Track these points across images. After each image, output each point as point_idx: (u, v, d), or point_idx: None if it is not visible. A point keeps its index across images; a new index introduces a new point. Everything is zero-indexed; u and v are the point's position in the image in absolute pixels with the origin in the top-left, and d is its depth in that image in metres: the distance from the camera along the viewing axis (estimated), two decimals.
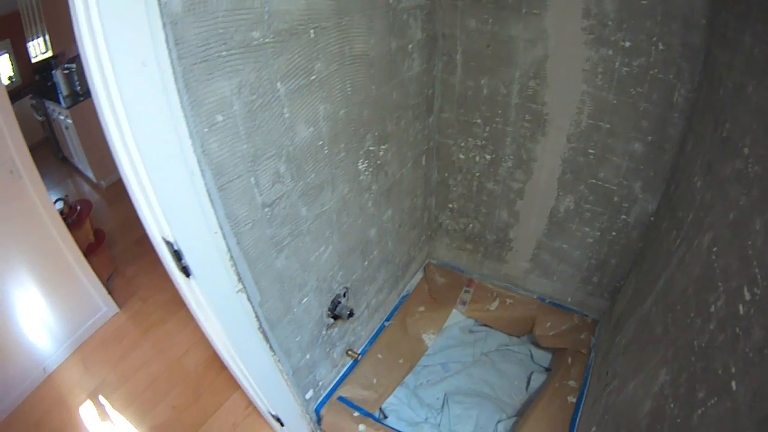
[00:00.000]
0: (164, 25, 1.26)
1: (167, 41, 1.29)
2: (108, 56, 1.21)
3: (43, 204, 3.17)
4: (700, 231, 1.60)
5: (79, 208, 3.99)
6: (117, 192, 5.78)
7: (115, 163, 1.47)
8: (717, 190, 1.55)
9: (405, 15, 2.35)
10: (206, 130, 1.48)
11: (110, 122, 1.36)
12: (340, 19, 1.91)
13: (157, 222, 1.55)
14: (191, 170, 1.48)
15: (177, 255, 1.60)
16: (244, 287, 1.85)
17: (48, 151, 7.35)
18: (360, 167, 2.37)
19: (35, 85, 7.20)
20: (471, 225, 3.34)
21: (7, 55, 7.38)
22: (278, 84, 1.70)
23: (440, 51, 2.76)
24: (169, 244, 1.59)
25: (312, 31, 1.78)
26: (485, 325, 3.40)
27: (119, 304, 3.92)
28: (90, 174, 6.20)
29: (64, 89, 6.10)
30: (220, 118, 1.51)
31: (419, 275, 3.56)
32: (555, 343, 3.12)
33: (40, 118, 7.00)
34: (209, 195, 1.57)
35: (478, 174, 3.08)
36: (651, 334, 1.83)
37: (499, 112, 2.78)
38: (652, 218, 2.58)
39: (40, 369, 3.32)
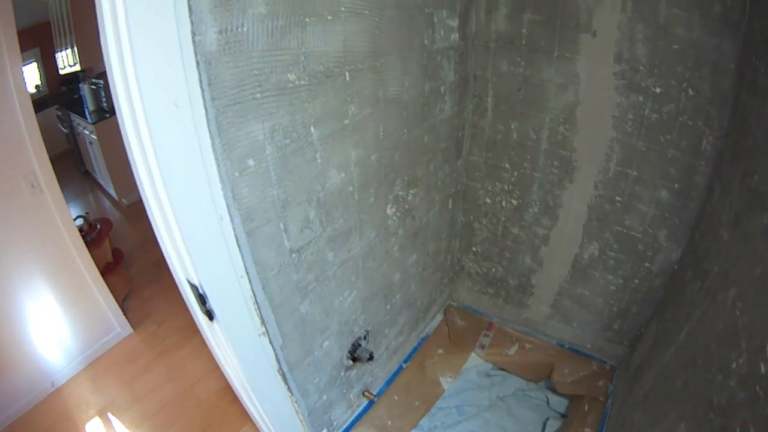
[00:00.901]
0: (198, 64, 1.16)
1: (201, 81, 1.18)
2: (139, 95, 1.09)
3: (63, 220, 3.06)
4: (725, 285, 1.52)
5: (99, 226, 3.86)
6: (138, 211, 5.62)
7: (142, 201, 1.37)
8: (744, 244, 1.47)
9: (439, 56, 2.24)
10: (237, 174, 1.37)
11: (139, 163, 1.25)
12: (376, 60, 1.80)
13: (183, 264, 1.43)
14: (220, 214, 1.37)
15: (201, 298, 1.48)
16: (267, 331, 1.72)
17: (70, 163, 7.26)
18: (388, 212, 2.25)
19: (62, 96, 7.12)
20: (494, 269, 3.19)
21: (35, 64, 7.31)
22: (312, 128, 1.59)
23: (471, 93, 2.64)
24: (194, 287, 1.47)
25: (347, 73, 1.67)
26: (503, 369, 3.22)
27: (133, 326, 3.78)
28: (112, 191, 6.09)
29: (90, 104, 5.98)
30: (251, 162, 1.40)
31: (439, 317, 3.40)
32: (572, 390, 2.96)
33: (65, 130, 6.90)
34: (237, 240, 1.45)
35: (503, 219, 2.94)
36: (671, 387, 1.75)
37: (528, 157, 2.65)
38: (675, 267, 2.43)
39: (49, 382, 3.19)
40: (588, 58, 2.24)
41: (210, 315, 1.53)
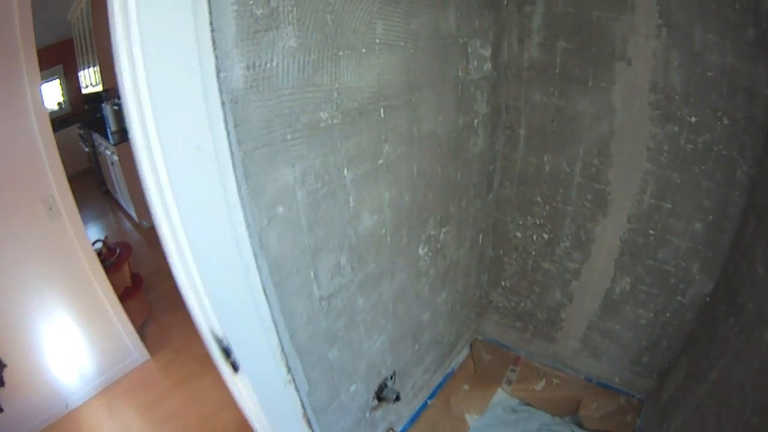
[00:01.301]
0: (223, 104, 1.04)
1: (226, 122, 1.06)
2: (158, 140, 0.96)
3: (81, 244, 2.95)
4: (762, 322, 1.46)
5: (118, 251, 3.74)
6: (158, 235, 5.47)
7: (164, 252, 1.20)
8: None
9: (473, 88, 2.13)
10: (265, 223, 1.25)
11: (159, 212, 1.10)
12: (411, 95, 1.69)
13: (207, 317, 1.28)
14: (246, 265, 1.24)
15: (226, 351, 1.34)
16: (293, 379, 1.58)
17: (92, 182, 7.19)
18: (420, 252, 2.12)
19: (84, 114, 7.06)
20: (523, 303, 3.03)
21: (58, 81, 7.24)
22: (345, 170, 1.48)
23: (503, 125, 2.52)
24: (218, 340, 1.33)
25: (382, 109, 1.56)
26: (529, 405, 3.03)
27: (151, 352, 3.64)
28: (132, 212, 5.97)
29: (112, 124, 5.83)
30: (281, 209, 1.29)
31: (465, 352, 3.21)
32: (599, 425, 2.77)
33: (86, 149, 6.81)
34: (264, 291, 1.32)
35: (534, 253, 2.79)
36: (703, 426, 1.69)
37: (561, 190, 2.51)
38: (707, 299, 2.29)
39: (63, 404, 3.09)
40: (623, 87, 2.13)
41: (235, 367, 1.39)
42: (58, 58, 6.81)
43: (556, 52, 2.24)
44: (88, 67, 6.14)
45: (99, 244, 3.57)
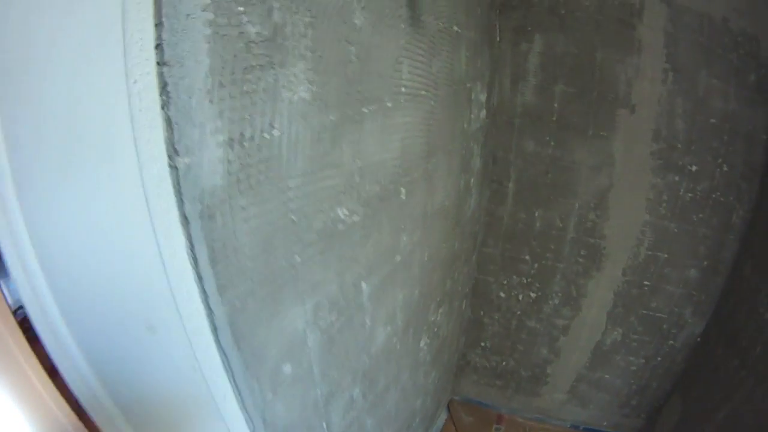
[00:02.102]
0: (186, 224, 0.60)
1: (193, 261, 0.62)
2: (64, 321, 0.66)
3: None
4: None
5: None
6: None
7: None
8: None
9: (472, 141, 1.78)
10: (270, 396, 0.85)
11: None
12: (428, 162, 1.37)
13: None
14: None
15: None
16: None
17: None
18: (421, 345, 1.78)
19: None
20: (504, 362, 2.69)
21: None
22: (363, 284, 1.10)
23: (489, 178, 2.05)
24: None
25: (403, 189, 1.21)
26: None
27: None
28: None
29: None
30: (288, 368, 0.89)
31: (443, 416, 2.81)
32: None
33: None
34: None
35: (518, 313, 2.46)
36: None
37: (552, 247, 2.20)
38: (698, 339, 2.21)
39: None
40: (624, 136, 1.92)
41: None
42: None
43: (553, 97, 1.91)
44: None
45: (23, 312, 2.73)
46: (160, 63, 0.53)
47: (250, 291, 0.72)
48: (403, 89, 1.12)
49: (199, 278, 0.62)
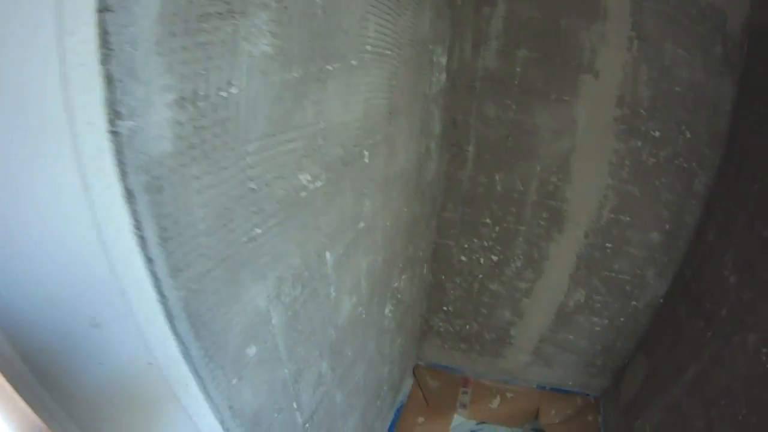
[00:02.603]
0: (130, 196, 0.52)
1: (141, 237, 0.54)
2: None
3: None
4: (742, 329, 1.51)
5: None
6: None
7: None
8: (760, 291, 1.48)
9: (432, 105, 1.71)
10: (235, 381, 0.79)
11: None
12: (390, 125, 1.29)
13: None
14: None
15: None
16: None
17: None
18: (386, 312, 1.74)
19: None
20: (468, 326, 2.67)
21: None
22: (327, 254, 1.04)
23: (449, 142, 2.01)
24: None
25: (366, 152, 1.15)
26: (487, 423, 2.78)
27: None
28: None
29: None
30: (253, 350, 0.83)
31: (409, 381, 2.80)
32: (563, 430, 2.63)
33: None
34: None
35: (480, 276, 2.42)
36: (688, 426, 1.70)
37: (513, 210, 2.15)
38: (661, 301, 2.22)
39: None
40: (588, 101, 1.88)
41: None
42: None
43: (516, 62, 1.84)
44: None
45: None
46: (101, 9, 0.44)
47: (207, 271, 0.65)
48: (368, 47, 1.05)
49: (149, 261, 0.55)
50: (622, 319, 2.34)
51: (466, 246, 2.33)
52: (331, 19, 0.84)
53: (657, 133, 1.86)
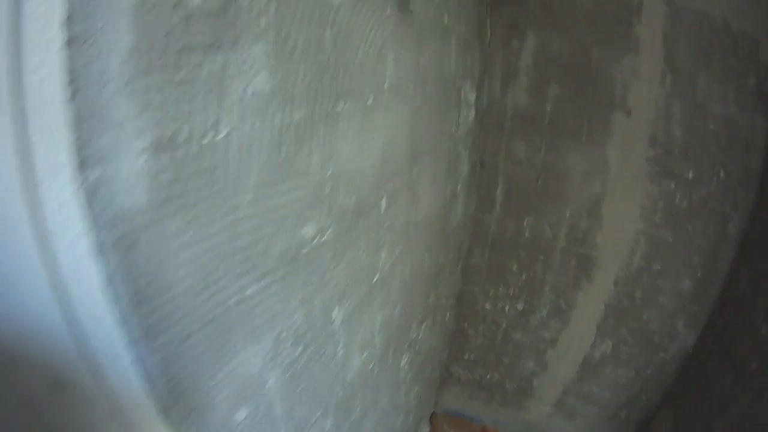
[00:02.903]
0: (100, 253, 0.43)
1: (112, 300, 0.45)
2: None
3: None
4: None
5: None
6: None
7: None
8: None
9: (460, 146, 1.61)
10: None
11: None
12: (412, 168, 1.18)
13: None
14: None
15: None
16: None
17: None
18: (402, 364, 1.60)
19: None
20: (489, 375, 2.54)
21: None
22: (334, 312, 0.92)
23: (476, 184, 1.90)
24: None
25: (384, 199, 1.03)
26: None
27: None
28: None
29: None
30: (243, 414, 0.70)
31: (426, 429, 2.64)
32: None
33: None
34: None
35: (504, 324, 2.30)
36: None
37: (541, 258, 2.04)
38: (690, 351, 2.07)
39: None
40: (620, 141, 1.77)
41: None
42: None
43: (546, 99, 1.76)
44: None
45: None
46: (69, 42, 0.35)
47: (189, 334, 0.55)
48: (386, 84, 0.93)
49: (122, 322, 0.45)
50: (648, 371, 2.19)
51: (491, 293, 2.21)
52: (342, 52, 0.74)
53: (690, 174, 1.75)
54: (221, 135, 0.53)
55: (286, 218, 0.68)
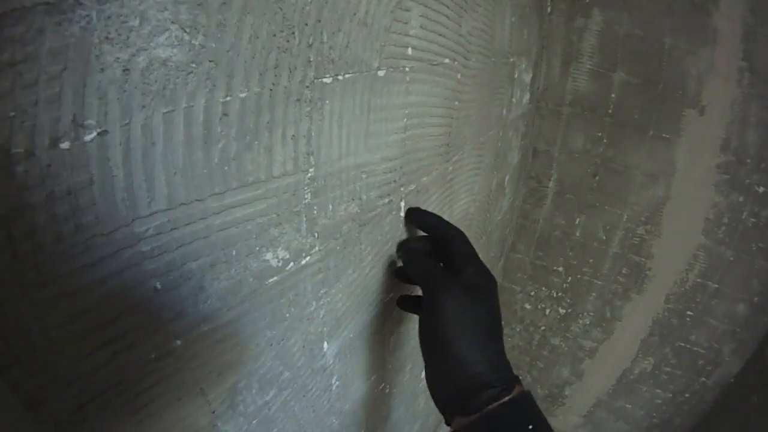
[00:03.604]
0: None
1: None
2: None
3: None
4: None
5: None
6: None
7: None
8: None
9: (511, 131, 1.38)
10: None
11: None
12: (448, 163, 0.90)
13: None
14: None
15: None
16: None
17: None
18: (422, 375, 1.34)
19: None
20: (521, 377, 2.36)
21: None
22: (324, 344, 0.68)
23: (526, 174, 1.74)
24: None
25: (402, 202, 0.75)
26: None
27: None
28: None
29: None
30: None
31: (446, 429, 2.50)
32: None
33: None
34: None
35: (543, 328, 2.13)
36: None
37: (590, 261, 1.85)
38: (732, 380, 1.88)
39: None
40: (690, 142, 1.55)
41: None
42: None
43: (611, 86, 1.55)
44: None
45: None
46: None
47: (81, 404, 0.33)
48: (409, 51, 0.63)
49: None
50: (686, 395, 2.01)
51: (532, 293, 2.05)
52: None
53: (761, 189, 1.55)
54: (88, 136, 0.27)
55: (234, 244, 0.43)
